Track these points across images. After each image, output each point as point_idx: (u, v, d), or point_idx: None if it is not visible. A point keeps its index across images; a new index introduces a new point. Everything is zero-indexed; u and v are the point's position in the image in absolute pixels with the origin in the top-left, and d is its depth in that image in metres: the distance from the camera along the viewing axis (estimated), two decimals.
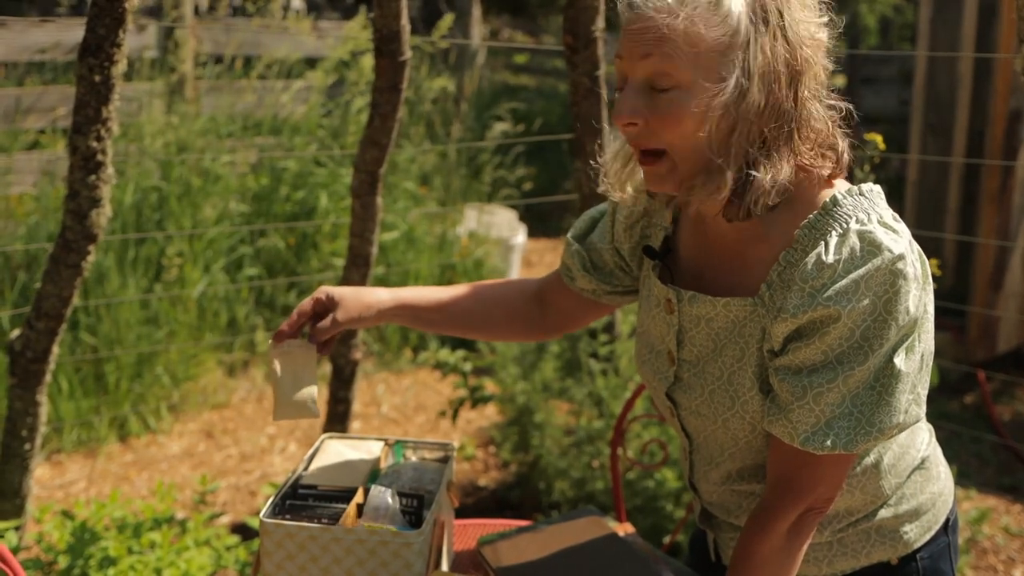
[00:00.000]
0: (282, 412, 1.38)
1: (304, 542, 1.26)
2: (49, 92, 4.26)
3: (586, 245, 1.46)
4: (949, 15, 4.75)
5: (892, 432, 1.14)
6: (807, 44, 1.14)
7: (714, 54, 1.11)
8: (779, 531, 1.19)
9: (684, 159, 1.16)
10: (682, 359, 1.29)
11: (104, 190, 2.22)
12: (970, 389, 4.31)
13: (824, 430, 1.13)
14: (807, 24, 1.14)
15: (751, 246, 1.21)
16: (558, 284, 1.52)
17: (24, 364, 2.39)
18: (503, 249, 5.20)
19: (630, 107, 1.15)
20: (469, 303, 1.52)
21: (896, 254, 1.11)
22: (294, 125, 4.86)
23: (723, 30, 1.11)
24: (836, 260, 1.12)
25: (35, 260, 3.79)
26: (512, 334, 1.60)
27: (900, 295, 1.11)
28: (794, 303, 1.14)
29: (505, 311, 1.54)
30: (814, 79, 1.15)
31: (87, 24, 2.05)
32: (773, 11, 1.12)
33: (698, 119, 1.12)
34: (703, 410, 1.27)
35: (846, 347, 1.12)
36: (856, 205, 1.16)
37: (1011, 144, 4.37)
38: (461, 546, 1.64)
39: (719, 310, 1.23)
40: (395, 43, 2.43)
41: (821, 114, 1.17)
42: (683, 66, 1.11)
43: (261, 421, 3.98)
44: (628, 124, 1.16)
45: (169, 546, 2.36)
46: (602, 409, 3.07)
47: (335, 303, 1.43)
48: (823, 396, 1.13)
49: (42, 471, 3.44)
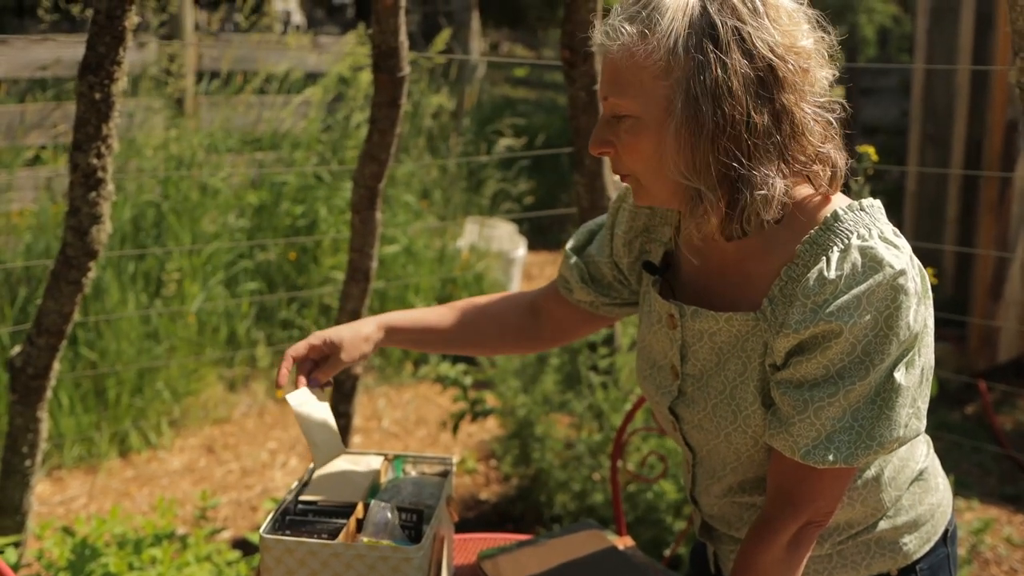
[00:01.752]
0: (322, 459, 1.41)
1: (304, 557, 1.26)
2: (50, 109, 4.27)
3: (584, 258, 1.47)
4: (946, 27, 4.77)
5: (893, 446, 1.15)
6: (785, 53, 1.11)
7: (656, 81, 1.12)
8: (779, 544, 1.19)
9: (652, 183, 1.19)
10: (686, 373, 1.29)
11: (105, 207, 2.23)
12: (971, 399, 4.31)
13: (825, 444, 1.14)
14: (783, 33, 1.11)
15: (752, 261, 1.22)
16: (554, 296, 1.52)
17: (25, 380, 2.40)
18: (503, 262, 5.21)
19: (596, 139, 1.20)
20: (460, 321, 1.53)
21: (898, 269, 1.11)
22: (294, 140, 4.87)
23: (658, 56, 1.11)
24: (838, 276, 1.12)
25: (35, 276, 3.80)
26: (506, 347, 1.62)
27: (901, 310, 1.11)
28: (796, 318, 1.14)
29: (497, 325, 1.54)
30: (802, 89, 1.13)
31: (87, 42, 2.06)
32: (723, 28, 1.09)
33: (654, 145, 1.14)
34: (706, 424, 1.27)
35: (847, 362, 1.12)
36: (857, 220, 1.16)
37: (1009, 154, 4.39)
38: (462, 560, 1.64)
39: (721, 325, 1.23)
40: (394, 59, 2.45)
41: (814, 124, 1.15)
42: (631, 96, 1.14)
43: (262, 436, 3.98)
44: (600, 153, 1.21)
45: (170, 562, 2.35)
46: (602, 422, 3.07)
47: (336, 347, 1.44)
48: (824, 410, 1.13)
49: (43, 487, 3.44)
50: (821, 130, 1.16)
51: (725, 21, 1.10)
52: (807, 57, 1.13)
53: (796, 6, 1.15)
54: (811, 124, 1.14)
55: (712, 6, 1.10)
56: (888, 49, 13.89)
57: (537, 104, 10.85)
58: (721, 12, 1.10)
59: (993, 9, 4.45)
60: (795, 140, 1.14)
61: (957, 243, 4.76)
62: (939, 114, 4.91)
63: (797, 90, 1.12)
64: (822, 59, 1.16)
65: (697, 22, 1.10)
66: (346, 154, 4.82)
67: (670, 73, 1.11)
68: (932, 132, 4.95)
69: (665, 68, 1.11)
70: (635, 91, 1.13)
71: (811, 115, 1.14)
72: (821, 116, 1.16)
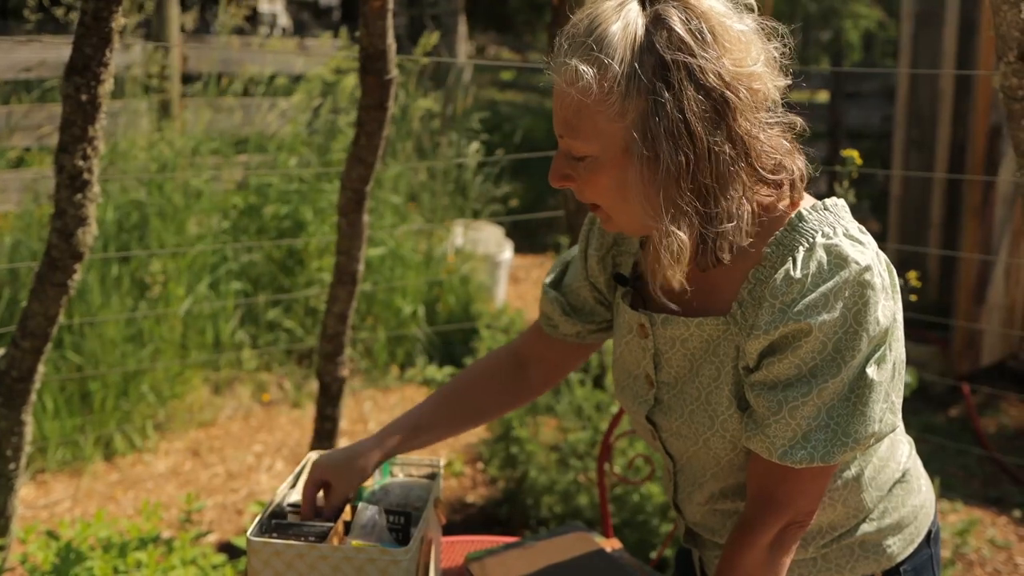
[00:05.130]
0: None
1: (291, 560, 1.26)
2: (35, 110, 4.25)
3: (563, 290, 1.46)
4: (930, 32, 4.81)
5: (868, 442, 1.16)
6: (735, 82, 1.09)
7: (611, 124, 1.11)
8: (761, 545, 1.19)
9: (619, 215, 1.19)
10: (660, 381, 1.30)
11: (90, 209, 2.22)
12: (955, 402, 4.33)
13: (801, 443, 1.14)
14: (733, 60, 1.09)
15: (720, 266, 1.22)
16: (538, 337, 1.51)
17: (9, 383, 2.38)
18: (490, 265, 5.21)
19: (556, 174, 1.20)
20: (454, 412, 1.50)
21: (863, 265, 1.12)
22: (279, 142, 4.86)
23: (613, 101, 1.09)
24: (804, 275, 1.13)
25: (20, 279, 3.78)
26: (504, 409, 1.59)
27: (869, 306, 1.12)
28: (766, 319, 1.15)
29: (491, 396, 1.53)
30: (754, 110, 1.11)
31: (74, 43, 2.05)
32: (674, 65, 1.07)
33: (616, 182, 1.14)
34: (684, 431, 1.28)
35: (819, 360, 1.13)
36: (821, 220, 1.17)
37: (992, 158, 4.42)
38: (449, 563, 1.64)
39: (693, 330, 1.24)
40: (381, 62, 2.44)
41: (769, 141, 1.14)
42: (587, 140, 1.13)
43: (247, 439, 3.97)
44: (560, 186, 1.21)
45: (155, 566, 2.34)
46: (589, 425, 3.08)
47: (330, 484, 1.40)
48: (799, 410, 1.14)
49: (27, 491, 3.41)
50: (779, 142, 1.16)
51: (675, 58, 1.07)
52: (758, 79, 1.11)
53: (744, 26, 1.12)
54: (767, 143, 1.14)
55: (660, 41, 1.08)
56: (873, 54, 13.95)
57: (524, 107, 10.87)
58: (670, 47, 1.07)
59: (977, 14, 4.49)
60: (754, 161, 1.13)
61: (941, 247, 4.79)
62: (923, 118, 4.94)
63: (751, 113, 1.11)
64: (774, 71, 1.14)
65: (647, 61, 1.08)
66: (332, 156, 4.81)
67: (625, 115, 1.10)
68: (916, 136, 4.99)
69: (619, 111, 1.10)
70: (590, 133, 1.12)
71: (765, 133, 1.14)
72: (775, 130, 1.15)
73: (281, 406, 4.26)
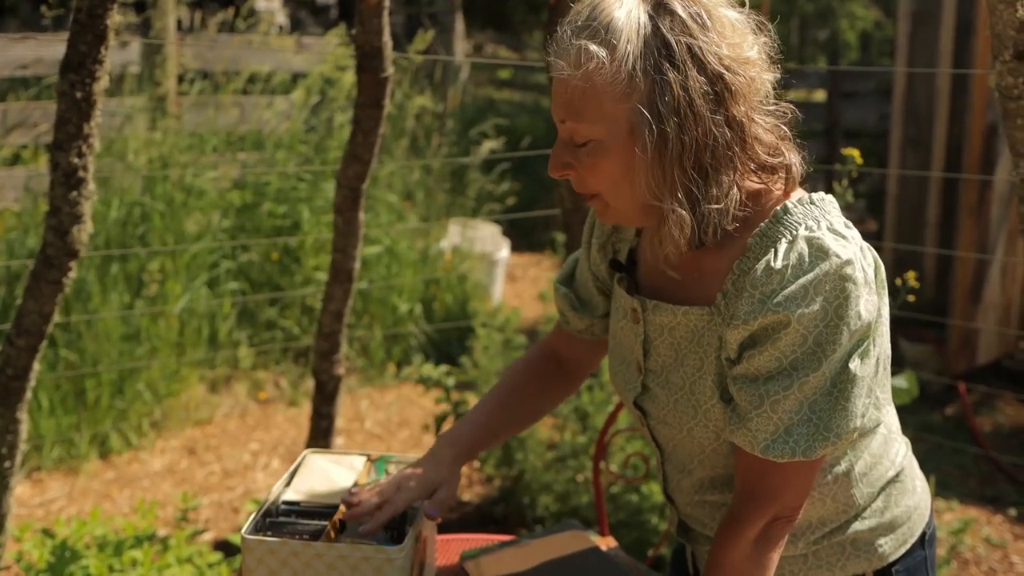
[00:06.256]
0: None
1: (286, 558, 1.26)
2: (30, 108, 4.24)
3: (573, 285, 1.49)
4: (927, 31, 4.81)
5: (851, 436, 1.16)
6: (734, 66, 1.12)
7: (616, 105, 1.12)
8: (747, 539, 1.19)
9: (619, 202, 1.20)
10: (648, 368, 1.31)
11: (86, 206, 2.21)
12: (951, 401, 4.34)
13: (784, 437, 1.15)
14: (730, 46, 1.12)
15: (707, 256, 1.23)
16: (559, 335, 1.54)
17: (4, 381, 2.38)
18: (486, 264, 5.21)
19: (556, 163, 1.21)
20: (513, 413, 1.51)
21: (844, 259, 1.12)
22: (277, 140, 4.86)
23: (620, 81, 1.11)
24: (784, 266, 1.14)
25: (16, 277, 3.77)
26: (553, 405, 1.60)
27: (851, 300, 1.12)
28: (745, 309, 1.16)
29: (545, 394, 1.55)
30: (750, 97, 1.15)
31: (69, 41, 2.05)
32: (677, 46, 1.10)
33: (620, 167, 1.15)
34: (669, 419, 1.29)
35: (799, 353, 1.13)
36: (806, 213, 1.18)
37: (988, 158, 4.42)
38: (444, 561, 1.64)
39: (679, 319, 1.25)
40: (377, 59, 2.44)
41: (764, 130, 1.17)
42: (592, 122, 1.14)
43: (244, 437, 3.96)
44: (560, 176, 1.21)
45: (151, 564, 2.34)
46: (585, 423, 3.08)
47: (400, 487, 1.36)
48: (780, 403, 1.14)
49: (22, 489, 3.41)
50: (772, 133, 1.18)
51: (679, 39, 1.10)
52: (753, 66, 1.15)
53: (738, 16, 1.16)
54: (761, 130, 1.17)
55: (663, 24, 1.11)
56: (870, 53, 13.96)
57: (521, 105, 10.86)
58: (673, 30, 1.11)
59: (974, 14, 4.49)
60: (748, 148, 1.16)
61: (937, 246, 4.79)
62: (920, 117, 4.94)
63: (747, 100, 1.14)
64: (765, 64, 1.17)
65: (652, 42, 1.11)
66: (329, 155, 4.81)
67: (631, 96, 1.12)
68: (913, 135, 4.99)
69: (625, 92, 1.12)
70: (595, 116, 1.14)
71: (760, 121, 1.16)
72: (769, 120, 1.18)
73: (277, 404, 4.26)
